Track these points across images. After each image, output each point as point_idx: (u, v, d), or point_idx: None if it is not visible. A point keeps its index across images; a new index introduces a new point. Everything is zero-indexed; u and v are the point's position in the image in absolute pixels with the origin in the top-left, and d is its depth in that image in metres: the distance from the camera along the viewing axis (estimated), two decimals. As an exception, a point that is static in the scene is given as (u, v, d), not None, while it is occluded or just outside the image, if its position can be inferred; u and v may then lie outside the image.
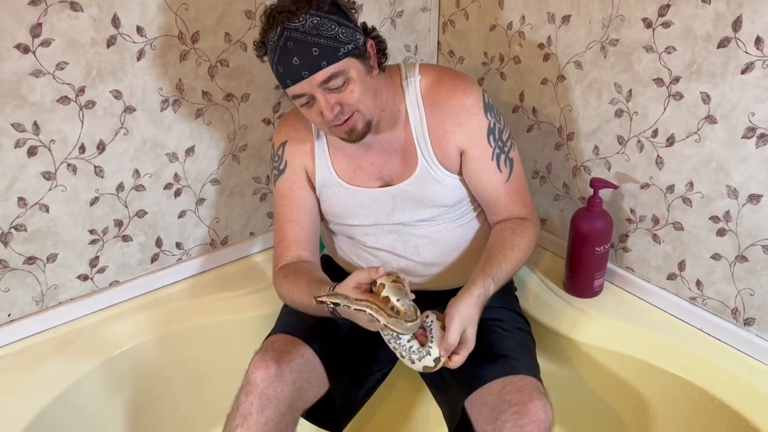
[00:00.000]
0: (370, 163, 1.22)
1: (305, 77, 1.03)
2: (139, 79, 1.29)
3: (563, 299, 1.43)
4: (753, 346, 1.24)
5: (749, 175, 1.16)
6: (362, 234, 1.26)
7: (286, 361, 1.09)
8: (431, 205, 1.22)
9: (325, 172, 1.24)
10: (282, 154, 1.26)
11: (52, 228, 1.29)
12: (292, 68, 1.03)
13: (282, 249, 1.25)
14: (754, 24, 1.08)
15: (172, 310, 1.43)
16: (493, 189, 1.22)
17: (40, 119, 1.20)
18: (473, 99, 1.18)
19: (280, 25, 1.03)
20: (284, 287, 1.21)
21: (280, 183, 1.26)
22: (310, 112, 1.10)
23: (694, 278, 1.31)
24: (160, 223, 1.44)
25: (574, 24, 1.35)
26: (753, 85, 1.11)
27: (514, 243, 1.18)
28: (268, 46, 1.06)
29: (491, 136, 1.19)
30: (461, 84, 1.19)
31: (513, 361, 1.14)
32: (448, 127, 1.18)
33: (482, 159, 1.19)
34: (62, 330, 1.35)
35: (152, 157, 1.37)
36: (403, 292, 1.02)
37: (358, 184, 1.23)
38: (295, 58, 1.02)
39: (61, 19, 1.16)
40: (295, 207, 1.25)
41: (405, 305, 1.01)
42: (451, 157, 1.19)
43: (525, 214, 1.24)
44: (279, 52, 1.04)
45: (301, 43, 1.02)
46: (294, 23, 1.02)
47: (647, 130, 1.29)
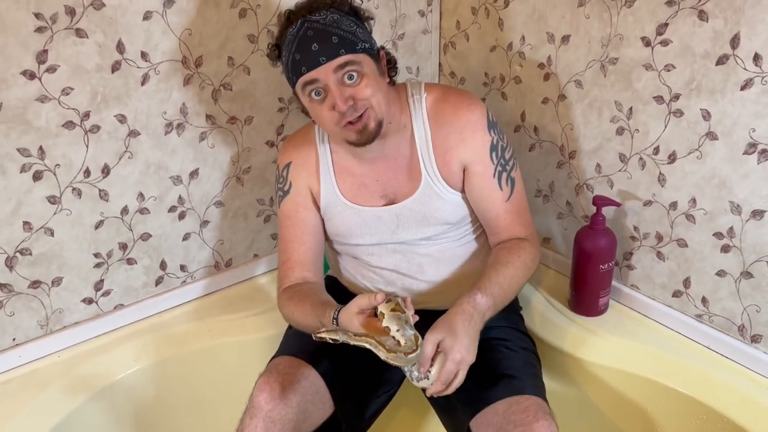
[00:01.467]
0: (374, 180, 1.23)
1: (322, 63, 1.05)
2: (143, 103, 1.30)
3: (568, 318, 1.42)
4: (761, 363, 1.23)
5: (752, 191, 1.16)
6: (367, 254, 1.27)
7: (290, 383, 1.08)
8: (434, 223, 1.22)
9: (330, 191, 1.24)
10: (286, 175, 1.27)
11: (57, 252, 1.30)
12: (311, 54, 1.05)
13: (286, 270, 1.26)
14: (752, 41, 1.09)
15: (176, 332, 1.43)
16: (494, 207, 1.22)
17: (45, 144, 1.21)
18: (477, 115, 1.19)
19: (302, 18, 1.07)
20: (289, 309, 1.21)
21: (284, 204, 1.27)
22: (321, 108, 1.09)
23: (699, 295, 1.31)
24: (164, 246, 1.44)
25: (574, 43, 1.37)
26: (752, 101, 1.12)
27: (508, 260, 1.18)
28: (286, 40, 1.09)
29: (494, 153, 1.20)
30: (466, 100, 1.20)
31: (518, 381, 1.13)
32: (452, 142, 1.19)
33: (484, 176, 1.19)
34: (67, 354, 1.35)
35: (156, 180, 1.38)
36: (402, 320, 1.00)
37: (362, 203, 1.23)
38: (314, 44, 1.05)
39: (67, 46, 1.18)
40: (299, 228, 1.25)
41: (405, 336, 0.99)
42: (454, 173, 1.20)
43: (525, 235, 1.24)
44: (298, 42, 1.06)
45: (322, 32, 1.06)
46: (315, 16, 1.07)
47: (648, 148, 1.30)
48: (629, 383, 1.31)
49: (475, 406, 1.11)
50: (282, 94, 1.49)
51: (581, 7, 1.32)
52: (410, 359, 0.98)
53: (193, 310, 1.50)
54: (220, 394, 1.42)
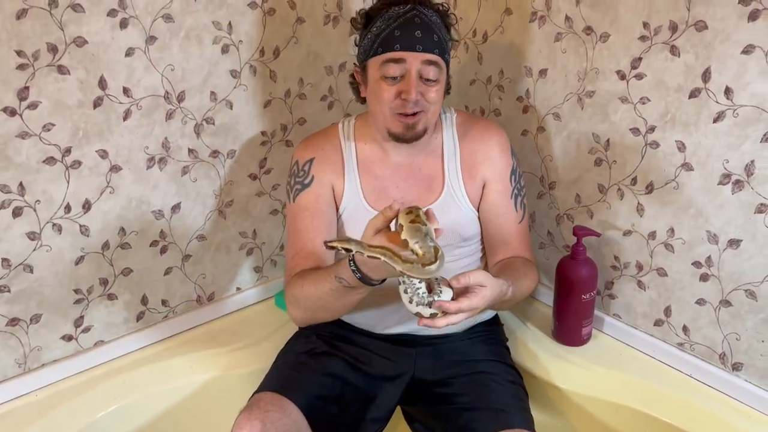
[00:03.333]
0: (395, 186, 1.24)
1: (418, 50, 1.11)
2: (125, 138, 1.30)
3: (552, 348, 1.42)
4: (742, 391, 1.24)
5: (727, 221, 1.18)
6: None
7: (271, 420, 1.07)
8: (448, 234, 1.21)
9: (353, 192, 1.24)
10: (309, 169, 1.25)
11: (36, 288, 1.28)
12: (412, 38, 1.11)
13: (298, 260, 1.21)
14: (722, 75, 1.12)
15: (158, 369, 1.40)
16: (507, 226, 1.26)
17: (25, 180, 1.21)
18: (504, 139, 1.28)
19: (413, 4, 1.13)
20: (297, 286, 1.16)
21: (304, 195, 1.24)
22: (389, 89, 1.13)
23: (680, 324, 1.32)
24: (145, 281, 1.43)
25: (551, 77, 1.39)
26: (725, 133, 1.14)
27: (526, 273, 1.22)
28: (387, 14, 1.13)
29: (513, 176, 1.27)
30: (494, 125, 1.31)
31: (507, 415, 1.13)
32: (479, 158, 1.25)
33: (503, 194, 1.26)
34: (45, 393, 1.32)
35: (138, 214, 1.37)
36: (422, 233, 0.93)
37: (380, 208, 1.19)
38: (418, 31, 1.11)
39: (48, 83, 1.18)
40: (318, 219, 1.23)
41: (424, 247, 0.92)
42: (477, 188, 1.25)
43: (530, 257, 1.29)
44: (402, 21, 1.12)
45: (427, 25, 1.13)
46: (425, 10, 1.14)
47: (626, 178, 1.32)
48: (613, 413, 1.31)
49: None
50: (265, 128, 1.50)
51: (558, 42, 1.36)
52: (427, 271, 0.90)
53: (175, 345, 1.47)
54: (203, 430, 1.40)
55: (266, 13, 1.40)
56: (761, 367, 1.21)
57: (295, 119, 1.53)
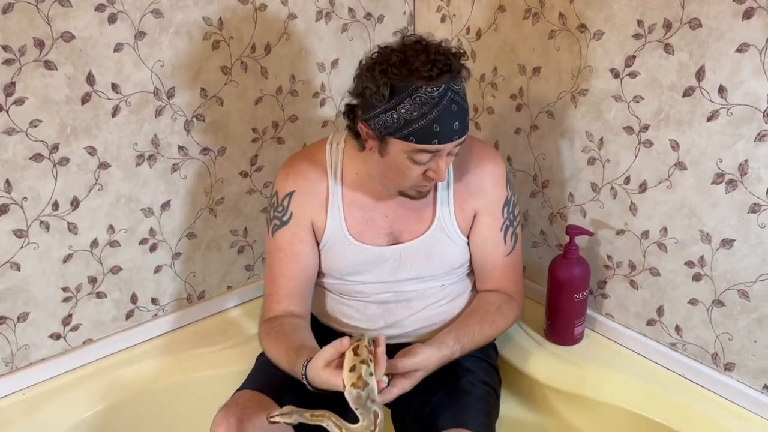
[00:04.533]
0: (383, 216, 1.20)
1: (455, 140, 1.04)
2: (113, 135, 1.29)
3: (544, 347, 1.41)
4: (734, 391, 1.23)
5: (720, 220, 1.18)
6: (356, 291, 1.25)
7: (249, 418, 1.06)
8: (438, 265, 1.22)
9: (336, 225, 1.20)
10: (288, 204, 1.21)
11: (23, 287, 1.27)
12: (451, 131, 1.03)
13: (272, 303, 1.22)
14: (716, 74, 1.11)
15: (147, 367, 1.39)
16: (492, 258, 1.24)
17: (12, 177, 1.19)
18: (500, 170, 1.22)
19: (446, 84, 1.01)
20: (265, 344, 1.18)
21: (280, 234, 1.21)
22: (416, 169, 1.07)
23: (673, 323, 1.31)
24: (135, 279, 1.42)
25: (545, 75, 1.38)
26: (719, 132, 1.14)
27: (494, 320, 1.21)
28: (416, 97, 1.00)
29: (506, 208, 1.23)
30: (491, 153, 1.24)
31: (462, 415, 1.13)
32: (472, 190, 1.21)
33: (492, 227, 1.22)
34: (32, 391, 1.31)
35: (127, 212, 1.36)
36: (362, 399, 0.95)
37: (366, 240, 1.20)
38: (456, 122, 1.03)
39: (35, 78, 1.16)
40: (292, 262, 1.21)
41: (364, 414, 0.96)
42: (467, 218, 1.22)
43: (513, 292, 1.26)
44: (440, 112, 1.01)
45: (462, 108, 1.04)
46: (456, 86, 1.03)
47: (620, 177, 1.31)
48: (605, 413, 1.30)
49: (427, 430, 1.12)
50: (256, 125, 1.48)
51: (551, 40, 1.35)
52: None
53: (165, 344, 1.46)
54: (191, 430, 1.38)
55: (257, 8, 1.39)
56: (753, 368, 1.21)
57: (286, 116, 1.52)
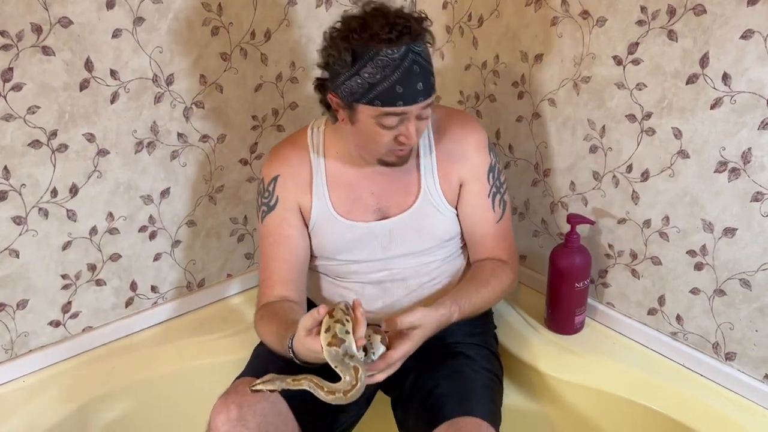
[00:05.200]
0: (369, 193, 1.21)
1: (420, 102, 1.05)
2: (112, 122, 1.28)
3: (544, 336, 1.41)
4: (735, 380, 1.23)
5: (723, 209, 1.17)
6: (350, 272, 1.25)
7: (249, 404, 1.06)
8: (428, 238, 1.22)
9: (322, 205, 1.21)
10: (273, 189, 1.22)
11: (22, 274, 1.26)
12: (414, 92, 1.04)
13: (266, 288, 1.23)
14: (720, 61, 1.10)
15: (146, 355, 1.39)
16: (483, 227, 1.24)
17: (10, 164, 1.19)
18: (482, 136, 1.23)
19: (407, 45, 1.02)
20: (258, 328, 1.19)
21: (269, 220, 1.23)
22: (386, 134, 1.08)
23: (674, 313, 1.31)
24: (134, 267, 1.41)
25: (547, 62, 1.37)
26: (722, 120, 1.12)
27: (489, 281, 1.21)
28: (378, 60, 1.01)
29: (491, 174, 1.23)
30: (471, 121, 1.25)
31: (468, 403, 1.12)
32: (455, 158, 1.21)
33: (480, 194, 1.22)
34: (32, 378, 1.31)
35: (126, 199, 1.35)
36: (340, 355, 0.94)
37: (355, 218, 1.21)
38: (420, 83, 1.04)
39: (33, 64, 1.16)
40: (283, 246, 1.22)
41: (344, 371, 0.94)
42: (453, 188, 1.22)
43: (506, 258, 1.26)
44: (402, 73, 1.02)
45: (425, 70, 1.05)
46: (418, 47, 1.04)
47: (622, 166, 1.30)
48: (605, 402, 1.30)
49: (429, 422, 1.11)
50: (256, 112, 1.47)
51: (554, 26, 1.33)
52: (350, 397, 0.94)
53: (164, 331, 1.46)
54: (190, 418, 1.38)
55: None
56: (754, 357, 1.20)
57: (286, 103, 1.51)
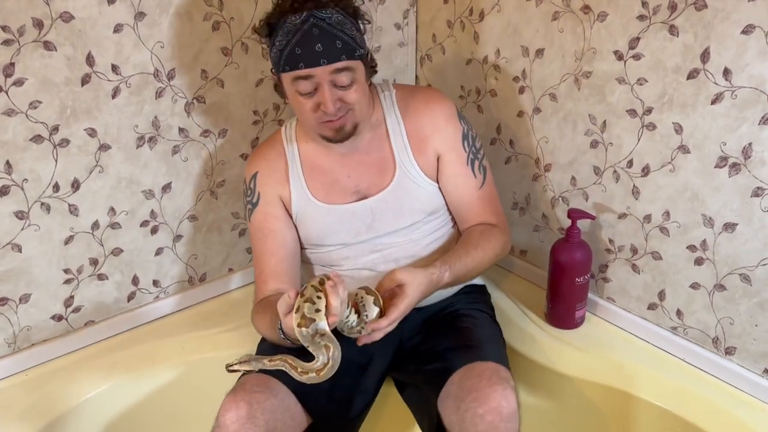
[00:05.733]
0: (346, 176, 1.23)
1: (323, 64, 1.06)
2: (114, 117, 1.28)
3: (544, 330, 1.41)
4: (735, 375, 1.23)
5: (724, 204, 1.17)
6: (342, 257, 1.26)
7: (258, 401, 1.06)
8: (410, 212, 1.23)
9: (300, 194, 1.24)
10: (254, 186, 1.26)
11: (25, 268, 1.27)
12: (314, 53, 1.06)
13: (260, 284, 1.24)
14: (721, 56, 1.10)
15: (149, 349, 1.40)
16: (467, 195, 1.25)
17: (12, 158, 1.19)
18: (448, 105, 1.25)
19: (308, 11, 1.06)
20: (255, 322, 1.22)
21: (254, 216, 1.26)
22: (306, 102, 1.11)
23: (674, 308, 1.31)
24: (136, 261, 1.42)
25: (548, 57, 1.37)
26: (723, 115, 1.12)
27: (479, 243, 1.21)
28: (286, 26, 1.07)
29: (465, 141, 1.24)
30: (436, 93, 1.27)
31: (475, 350, 1.13)
32: (427, 131, 1.23)
33: (458, 163, 1.23)
34: (35, 372, 1.32)
35: (128, 194, 1.35)
36: (309, 335, 0.95)
37: (333, 201, 1.23)
38: (318, 44, 1.05)
39: (35, 59, 1.16)
40: (270, 239, 1.24)
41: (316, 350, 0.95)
42: (430, 162, 1.23)
43: (496, 221, 1.27)
44: (301, 36, 1.06)
45: (327, 33, 1.06)
46: (322, 13, 1.07)
47: (622, 161, 1.30)
48: (605, 396, 1.30)
49: (438, 382, 1.11)
50: (257, 107, 1.47)
51: (555, 21, 1.33)
52: (323, 376, 0.95)
53: (166, 326, 1.47)
54: (193, 412, 1.39)
55: (258, -11, 1.38)
56: (754, 351, 1.21)
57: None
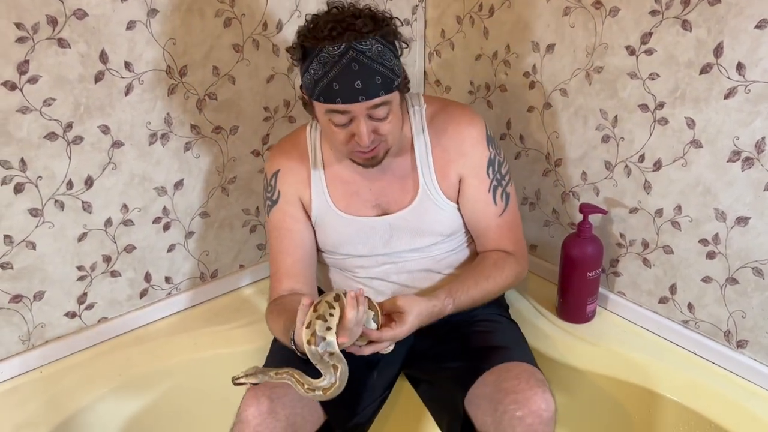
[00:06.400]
0: (367, 189, 1.22)
1: (361, 101, 1.02)
2: (127, 113, 1.28)
3: (556, 325, 1.42)
4: (747, 368, 1.24)
5: (736, 198, 1.18)
6: (356, 266, 1.26)
7: (278, 396, 1.07)
8: (429, 234, 1.22)
9: (321, 200, 1.22)
10: (275, 184, 1.24)
11: (39, 265, 1.27)
12: (352, 90, 1.02)
13: (275, 282, 1.24)
14: (735, 50, 1.10)
15: (162, 345, 1.40)
16: (486, 221, 1.23)
17: (27, 156, 1.19)
18: (478, 129, 1.20)
19: (347, 43, 1.01)
20: (269, 324, 1.20)
21: (273, 214, 1.25)
22: (339, 132, 1.08)
23: (685, 301, 1.32)
24: (148, 258, 1.42)
25: (559, 52, 1.37)
26: (736, 109, 1.13)
27: (490, 274, 1.20)
28: (321, 57, 1.02)
29: (491, 168, 1.21)
30: (467, 114, 1.22)
31: (507, 351, 1.13)
32: (452, 155, 1.20)
33: (480, 189, 1.21)
34: (49, 369, 1.33)
35: (141, 191, 1.36)
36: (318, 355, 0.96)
37: (354, 212, 1.22)
38: (358, 81, 1.01)
39: (49, 56, 1.16)
40: (287, 239, 1.23)
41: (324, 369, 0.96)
42: (452, 184, 1.21)
43: (512, 249, 1.25)
44: (339, 70, 1.01)
45: (367, 68, 1.02)
46: (362, 45, 1.01)
47: (634, 155, 1.31)
48: (617, 390, 1.31)
49: (466, 381, 1.11)
50: (267, 104, 1.48)
51: (566, 17, 1.33)
52: (330, 395, 0.97)
53: (179, 322, 1.47)
54: (207, 407, 1.40)
55: (269, -15, 1.38)
56: (766, 345, 1.21)
57: (298, 94, 1.51)
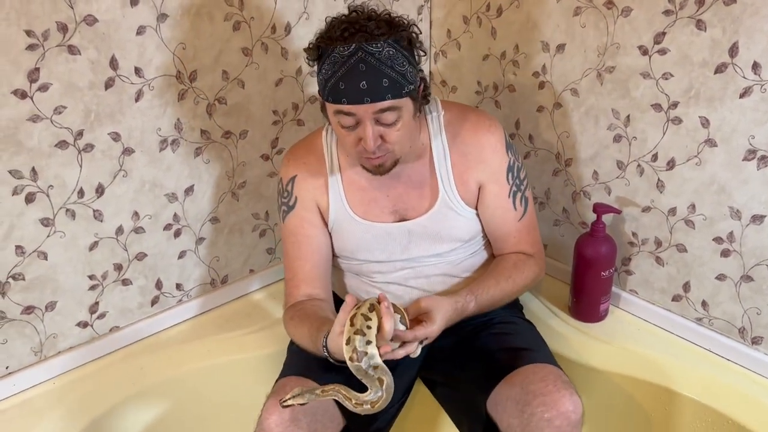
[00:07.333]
0: (385, 196, 1.21)
1: (366, 102, 1.01)
2: (137, 120, 1.27)
3: (569, 324, 1.43)
4: (762, 364, 1.25)
5: (752, 197, 1.18)
6: (374, 271, 1.25)
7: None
8: (448, 240, 1.22)
9: (338, 206, 1.21)
10: (291, 189, 1.23)
11: (50, 276, 1.25)
12: (357, 91, 1.01)
13: (292, 288, 1.24)
14: (750, 50, 1.11)
15: (174, 353, 1.39)
16: (506, 226, 1.23)
17: (38, 165, 1.17)
18: (497, 137, 1.20)
19: (357, 44, 1.00)
20: (290, 330, 1.20)
21: (289, 220, 1.24)
22: (348, 135, 1.07)
23: (699, 299, 1.32)
24: (159, 265, 1.41)
25: (569, 52, 1.37)
26: (752, 108, 1.14)
27: (510, 274, 1.21)
28: (332, 57, 1.02)
29: (510, 174, 1.21)
30: (486, 121, 1.21)
31: (530, 353, 1.13)
32: (471, 162, 1.19)
33: (500, 195, 1.21)
34: (62, 380, 1.31)
35: (151, 198, 1.34)
36: (363, 369, 0.96)
37: (372, 218, 1.21)
38: (363, 82, 1.00)
39: (59, 63, 1.14)
40: (304, 245, 1.23)
41: (370, 382, 0.96)
42: (471, 191, 1.20)
43: (532, 252, 1.26)
44: (347, 70, 1.00)
45: (374, 70, 1.00)
46: (372, 47, 1.00)
47: (647, 155, 1.31)
48: (633, 388, 1.32)
49: (489, 383, 1.11)
50: (276, 107, 1.46)
51: (577, 17, 1.33)
52: (378, 408, 0.96)
53: (190, 329, 1.46)
54: (222, 414, 1.39)
55: (277, -12, 1.36)
56: (781, 341, 1.23)
57: (306, 97, 1.50)
